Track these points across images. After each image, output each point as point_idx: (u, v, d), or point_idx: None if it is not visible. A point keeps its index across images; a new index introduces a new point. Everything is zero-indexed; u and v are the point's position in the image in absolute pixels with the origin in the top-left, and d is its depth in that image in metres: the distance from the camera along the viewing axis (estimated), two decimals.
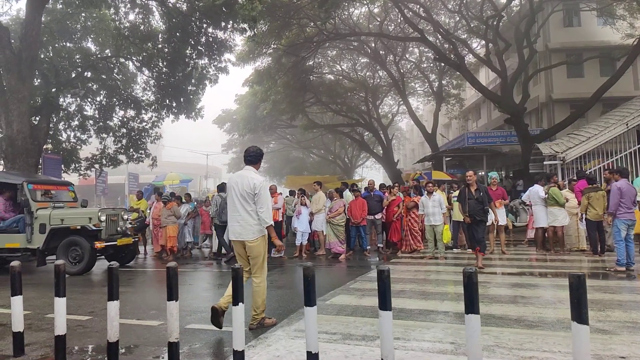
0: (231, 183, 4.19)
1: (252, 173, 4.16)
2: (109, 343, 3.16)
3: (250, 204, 4.04)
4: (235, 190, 4.08)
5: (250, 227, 4.00)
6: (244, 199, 4.05)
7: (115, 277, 3.22)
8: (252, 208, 4.03)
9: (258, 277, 4.07)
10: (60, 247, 7.53)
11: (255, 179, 4.05)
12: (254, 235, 4.02)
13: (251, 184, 4.01)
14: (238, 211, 4.05)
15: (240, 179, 4.11)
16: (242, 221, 4.03)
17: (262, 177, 4.18)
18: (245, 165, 4.28)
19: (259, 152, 4.31)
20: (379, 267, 2.48)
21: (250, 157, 4.25)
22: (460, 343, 3.38)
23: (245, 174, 4.14)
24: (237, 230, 4.06)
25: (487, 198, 6.96)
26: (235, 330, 2.84)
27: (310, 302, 2.66)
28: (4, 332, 4.20)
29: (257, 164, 4.28)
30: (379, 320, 2.47)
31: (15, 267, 3.50)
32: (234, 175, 4.39)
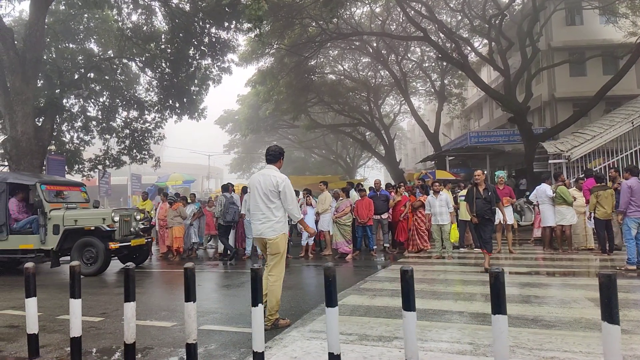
0: (254, 182, 4.23)
1: (275, 171, 4.22)
2: (126, 344, 3.14)
3: (272, 202, 4.10)
4: (258, 189, 4.14)
5: (271, 225, 4.07)
6: (266, 198, 4.10)
7: (131, 278, 3.20)
8: (275, 206, 4.10)
9: (274, 275, 4.09)
10: (74, 248, 7.49)
11: (278, 177, 4.10)
12: (275, 233, 4.08)
13: (274, 182, 4.07)
14: (260, 210, 4.11)
15: (263, 178, 4.17)
16: (263, 219, 4.10)
17: (284, 175, 4.21)
18: (267, 165, 4.33)
19: (278, 151, 4.36)
20: (402, 268, 2.45)
21: (270, 156, 4.31)
22: (479, 344, 3.35)
23: (268, 173, 4.19)
24: (258, 228, 4.14)
25: (495, 198, 6.90)
26: (254, 331, 2.82)
27: (332, 302, 2.64)
28: (16, 334, 4.18)
29: (279, 162, 4.32)
30: (403, 320, 2.44)
31: (29, 268, 3.47)
32: (256, 174, 4.43)
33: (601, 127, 13.08)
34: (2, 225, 7.68)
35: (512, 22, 18.65)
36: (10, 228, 7.81)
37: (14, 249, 7.70)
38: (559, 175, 9.08)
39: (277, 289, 4.05)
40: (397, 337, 3.58)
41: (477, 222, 6.93)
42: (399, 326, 3.90)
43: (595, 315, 4.02)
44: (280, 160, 4.35)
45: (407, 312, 2.41)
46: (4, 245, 7.72)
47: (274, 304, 4.02)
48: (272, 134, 30.59)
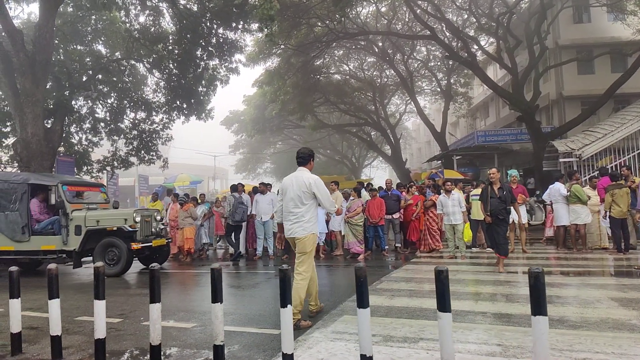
0: (286, 185, 4.39)
1: (306, 173, 4.35)
2: (152, 346, 3.12)
3: (304, 204, 4.24)
4: (291, 191, 4.30)
5: (301, 224, 4.22)
6: (299, 199, 4.25)
7: (157, 279, 3.17)
8: (307, 207, 4.24)
9: (300, 274, 4.18)
10: (97, 249, 7.47)
11: (310, 178, 4.26)
12: (304, 232, 4.22)
13: (307, 183, 4.22)
14: (293, 211, 4.26)
15: (295, 180, 4.32)
16: (294, 219, 4.24)
17: (315, 176, 4.36)
18: (298, 167, 4.46)
19: (308, 153, 4.48)
20: (437, 268, 2.41)
21: (301, 158, 4.45)
22: (507, 345, 3.30)
23: (299, 175, 4.34)
24: (289, 228, 4.30)
25: (510, 197, 6.82)
26: (283, 332, 2.78)
27: (363, 303, 2.60)
28: (37, 336, 4.17)
29: (309, 164, 4.44)
30: (439, 322, 2.40)
31: (52, 269, 3.46)
32: (288, 177, 4.53)
33: (612, 125, 12.97)
34: (24, 227, 7.68)
35: (519, 20, 18.53)
36: (32, 229, 7.81)
37: (36, 250, 7.69)
38: (573, 173, 8.98)
39: (301, 288, 4.11)
40: (423, 338, 3.54)
41: (490, 221, 6.84)
42: (423, 327, 3.86)
43: (622, 316, 3.96)
44: (311, 161, 4.47)
45: (442, 313, 2.37)
46: (25, 246, 7.71)
47: (297, 302, 4.03)
48: (277, 134, 30.60)
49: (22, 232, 7.70)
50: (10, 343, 3.64)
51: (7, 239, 7.74)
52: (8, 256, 7.81)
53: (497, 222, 6.64)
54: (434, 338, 3.54)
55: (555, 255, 8.36)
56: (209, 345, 3.69)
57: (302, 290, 4.12)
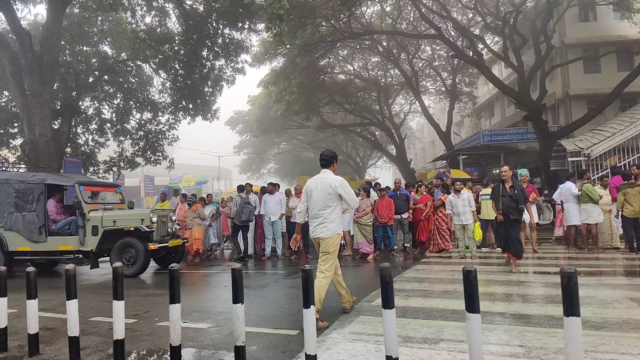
0: (311, 187, 4.44)
1: (330, 174, 4.41)
2: (172, 347, 3.10)
3: (329, 205, 4.30)
4: (316, 193, 4.36)
5: (326, 225, 4.28)
6: (324, 200, 4.31)
7: (176, 279, 3.15)
8: (332, 208, 4.29)
9: (322, 272, 4.21)
10: (114, 249, 7.46)
11: (335, 180, 4.33)
12: (329, 233, 4.28)
13: (332, 185, 4.28)
14: (318, 212, 4.32)
15: (320, 182, 4.37)
16: (319, 220, 4.31)
17: (340, 177, 4.42)
18: (322, 169, 4.50)
19: (331, 155, 4.53)
20: (465, 268, 2.37)
21: (324, 160, 4.49)
22: (530, 346, 3.26)
23: (324, 177, 4.39)
24: (314, 229, 4.36)
25: (523, 196, 6.75)
26: (307, 333, 2.76)
27: (389, 304, 2.57)
28: (52, 337, 4.15)
29: (332, 165, 4.50)
30: (467, 323, 2.36)
31: (70, 270, 3.44)
32: (312, 179, 4.57)
33: (621, 124, 12.87)
34: (41, 227, 7.67)
35: (524, 19, 18.44)
36: (49, 229, 7.80)
37: (53, 250, 7.68)
38: (584, 173, 8.91)
39: (322, 287, 4.13)
40: (443, 339, 3.50)
41: (502, 219, 6.75)
42: (442, 328, 3.82)
43: None
44: (334, 163, 4.52)
45: (471, 314, 2.33)
46: (42, 247, 7.70)
47: (316, 301, 3.98)
48: (281, 135, 30.59)
49: (39, 232, 7.68)
50: (28, 344, 3.62)
51: (24, 240, 7.73)
52: (25, 257, 7.82)
53: (510, 223, 6.53)
54: (454, 339, 3.50)
55: (567, 255, 8.29)
56: (227, 346, 3.67)
57: (323, 289, 4.15)
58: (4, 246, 7.75)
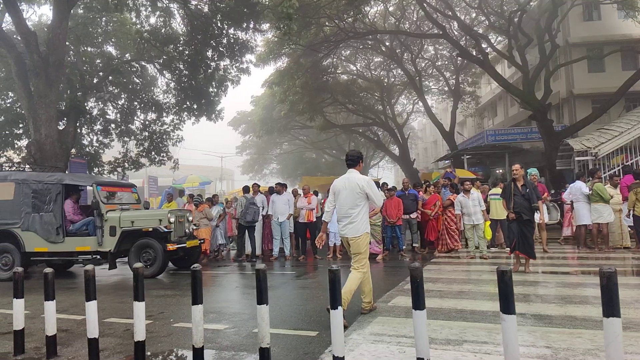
0: (338, 187, 4.46)
1: (357, 174, 4.44)
2: (195, 349, 3.06)
3: (357, 205, 4.32)
4: (343, 193, 4.38)
5: (354, 226, 4.31)
6: (352, 200, 4.33)
7: (199, 280, 3.11)
8: (359, 208, 4.32)
9: (357, 269, 4.28)
10: (132, 250, 7.39)
11: (362, 179, 4.37)
12: (358, 233, 4.31)
13: (360, 185, 4.31)
14: (347, 212, 4.35)
15: (347, 182, 4.39)
16: (347, 220, 4.34)
17: (366, 176, 4.49)
18: (348, 169, 4.52)
19: (357, 155, 4.57)
20: (500, 268, 2.32)
21: (350, 160, 4.52)
22: (556, 347, 3.21)
23: (351, 177, 4.41)
24: (342, 229, 4.41)
25: (535, 195, 6.67)
26: (334, 334, 2.71)
27: (420, 305, 2.52)
28: (68, 338, 4.12)
29: (359, 165, 4.53)
30: (502, 325, 2.31)
31: (89, 271, 3.40)
32: (339, 179, 4.58)
33: (628, 123, 12.81)
34: (59, 228, 7.60)
35: (528, 18, 18.40)
36: (66, 230, 7.73)
37: (70, 251, 7.61)
38: (595, 172, 8.85)
39: (355, 280, 4.20)
40: (466, 341, 3.46)
41: (514, 218, 6.65)
42: (464, 329, 3.78)
43: None
44: (360, 163, 4.56)
45: (506, 315, 2.28)
46: (60, 247, 7.62)
47: (347, 290, 4.08)
48: (284, 135, 30.55)
49: (57, 233, 7.59)
50: (46, 346, 3.59)
51: (42, 240, 7.65)
52: (42, 257, 7.76)
53: (523, 223, 6.45)
54: (477, 340, 3.46)
55: (578, 255, 8.24)
56: (246, 347, 3.63)
57: (355, 283, 4.19)
58: (21, 247, 7.67)
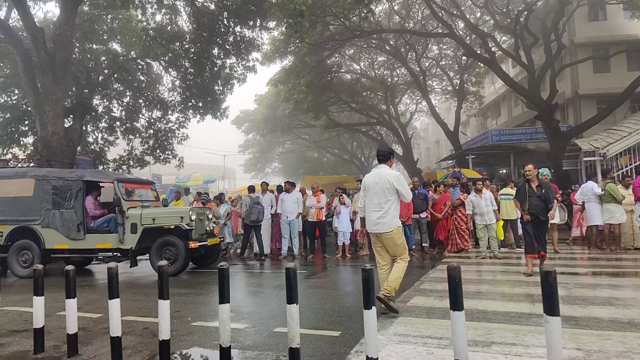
0: (369, 182, 4.54)
1: (387, 170, 4.54)
2: (222, 348, 3.00)
3: (388, 199, 4.39)
4: (374, 188, 4.46)
5: (387, 221, 4.36)
6: (382, 195, 4.41)
7: (226, 278, 3.06)
8: (390, 203, 4.38)
9: (401, 260, 4.43)
10: (154, 248, 7.32)
11: (392, 175, 4.44)
12: (390, 228, 4.37)
13: (390, 180, 4.39)
14: (376, 207, 4.42)
15: (378, 177, 4.48)
16: (379, 215, 4.38)
17: (396, 172, 4.54)
18: (379, 164, 4.65)
19: (388, 151, 4.71)
20: (544, 269, 2.27)
21: (382, 156, 4.65)
22: (588, 349, 3.17)
23: (381, 172, 4.50)
24: (375, 223, 4.43)
25: (551, 195, 6.60)
26: (368, 335, 2.66)
27: (458, 306, 2.47)
28: (87, 337, 4.06)
29: (389, 161, 4.66)
30: (546, 326, 2.26)
31: (112, 269, 3.35)
32: (370, 174, 4.67)
33: (637, 124, 12.76)
34: (79, 225, 7.50)
35: (533, 18, 18.34)
36: (87, 227, 7.64)
37: (91, 248, 7.53)
38: (607, 172, 8.81)
39: (401, 267, 4.38)
40: (494, 342, 3.41)
41: (529, 219, 6.58)
42: (489, 330, 3.73)
43: None
44: (391, 159, 4.69)
45: (551, 317, 2.23)
46: (80, 244, 7.53)
47: (393, 278, 4.31)
48: (287, 134, 30.49)
49: (78, 230, 7.49)
50: (67, 344, 3.54)
51: (62, 237, 7.56)
52: (62, 254, 7.68)
53: (538, 224, 6.36)
54: (505, 342, 3.42)
55: (590, 255, 8.20)
56: (269, 347, 3.59)
57: (401, 271, 4.36)
58: (41, 243, 7.59)
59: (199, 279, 7.27)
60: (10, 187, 7.83)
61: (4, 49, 13.07)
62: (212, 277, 7.55)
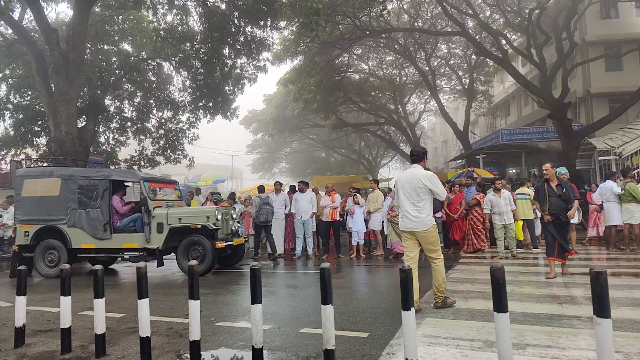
0: (402, 182, 4.61)
1: (420, 170, 4.59)
2: (255, 349, 2.97)
3: (422, 199, 4.44)
4: (407, 187, 4.52)
5: (422, 220, 4.43)
6: (415, 194, 4.46)
7: (258, 278, 3.02)
8: (424, 202, 4.44)
9: (435, 258, 4.51)
10: (181, 247, 7.30)
11: (425, 174, 4.49)
12: (426, 226, 4.44)
13: (423, 180, 4.44)
14: (409, 207, 4.48)
15: (411, 177, 4.54)
16: (413, 214, 4.45)
17: (429, 172, 4.60)
18: (412, 164, 4.71)
19: (422, 151, 4.74)
20: (595, 269, 2.21)
21: (415, 156, 4.70)
22: (627, 352, 3.09)
23: (415, 172, 4.56)
24: (408, 224, 4.50)
25: (572, 195, 6.47)
26: (406, 336, 2.61)
27: (503, 307, 2.41)
28: (112, 337, 4.03)
29: (423, 161, 4.69)
30: (597, 329, 2.20)
31: (141, 268, 3.33)
32: (403, 174, 4.76)
33: None
34: (106, 224, 7.48)
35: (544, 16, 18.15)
36: (114, 227, 7.63)
37: (118, 247, 7.51)
38: (627, 171, 8.66)
39: (440, 268, 4.48)
40: (528, 344, 3.34)
41: (550, 219, 6.46)
42: (522, 332, 3.66)
43: None
44: (425, 159, 4.72)
45: (601, 319, 2.17)
46: (107, 244, 7.50)
47: (440, 281, 4.46)
48: (295, 134, 30.48)
49: (104, 229, 7.47)
50: (95, 344, 3.52)
51: (88, 237, 7.54)
52: (88, 254, 7.67)
53: (559, 225, 6.23)
54: (540, 344, 3.34)
55: (609, 256, 8.06)
56: (297, 347, 3.55)
57: (441, 270, 4.47)
58: (68, 243, 7.58)
59: (217, 279, 7.24)
60: (36, 186, 7.83)
61: (17, 49, 13.17)
62: (229, 277, 7.53)
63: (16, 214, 8.04)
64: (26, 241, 7.74)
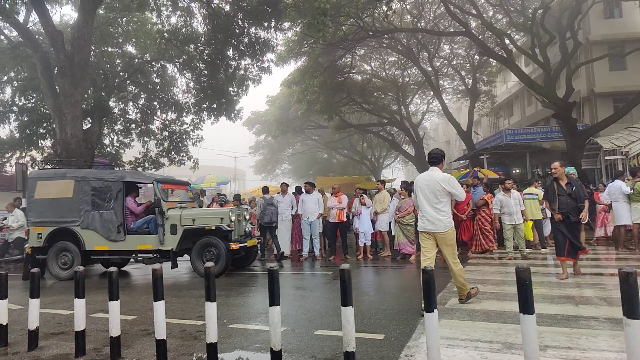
0: (420, 184, 4.68)
1: (438, 172, 4.67)
2: (273, 352, 2.94)
3: (440, 201, 4.53)
4: (425, 190, 4.60)
5: (441, 222, 4.51)
6: (434, 197, 4.55)
7: (276, 280, 2.99)
8: (442, 204, 4.53)
9: (453, 260, 4.56)
10: (195, 249, 7.26)
11: (443, 177, 4.59)
12: (445, 228, 4.53)
13: (442, 183, 4.53)
14: (428, 209, 4.57)
15: (429, 178, 4.62)
16: (433, 215, 4.53)
17: (447, 174, 4.71)
18: (430, 167, 4.76)
19: (440, 154, 4.81)
20: (624, 270, 2.17)
21: (434, 158, 4.76)
22: None
23: (433, 174, 4.64)
24: (428, 226, 4.58)
25: (582, 193, 6.41)
26: (429, 338, 2.58)
27: (529, 309, 2.37)
28: (125, 339, 4.01)
29: (441, 163, 4.77)
30: (626, 330, 2.16)
31: (157, 270, 3.31)
32: (422, 176, 4.82)
33: None
34: (120, 226, 7.44)
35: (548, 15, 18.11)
36: (127, 228, 7.58)
37: (131, 249, 7.47)
38: (636, 171, 8.60)
39: (459, 270, 4.56)
40: (548, 346, 3.30)
41: (561, 218, 6.39)
42: (540, 333, 3.58)
43: None
44: (443, 161, 4.80)
45: (632, 320, 2.13)
46: (121, 246, 7.46)
47: (462, 282, 4.59)
48: (298, 135, 30.47)
49: (118, 231, 7.43)
50: (110, 347, 3.49)
51: (102, 238, 7.50)
52: (102, 256, 7.63)
53: (570, 225, 6.18)
54: (560, 345, 3.31)
55: (619, 256, 8.02)
56: (313, 349, 3.52)
57: (460, 271, 4.56)
58: (81, 245, 7.54)
59: (227, 280, 7.20)
60: (49, 188, 7.78)
61: (22, 52, 13.20)
62: (239, 278, 7.50)
63: (29, 215, 8.01)
64: (39, 243, 7.69)
